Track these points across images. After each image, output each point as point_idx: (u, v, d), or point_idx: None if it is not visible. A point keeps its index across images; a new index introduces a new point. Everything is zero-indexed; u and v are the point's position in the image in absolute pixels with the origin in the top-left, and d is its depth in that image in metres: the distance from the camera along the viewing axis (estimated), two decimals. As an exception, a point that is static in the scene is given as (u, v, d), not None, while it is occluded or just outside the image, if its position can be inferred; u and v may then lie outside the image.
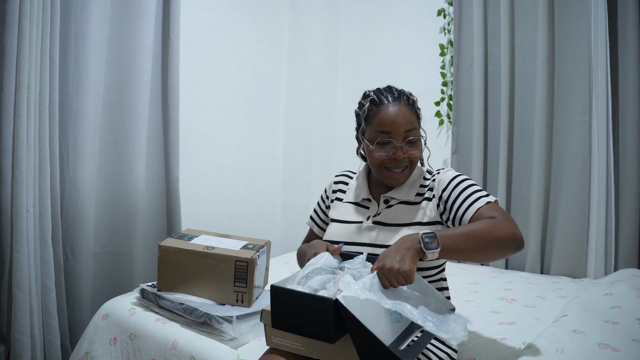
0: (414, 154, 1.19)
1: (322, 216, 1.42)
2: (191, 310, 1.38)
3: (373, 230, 1.22)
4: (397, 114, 1.17)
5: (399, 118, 1.16)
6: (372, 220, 1.24)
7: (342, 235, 1.26)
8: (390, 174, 1.20)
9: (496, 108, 2.39)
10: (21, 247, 1.72)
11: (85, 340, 1.55)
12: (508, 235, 1.01)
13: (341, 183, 1.39)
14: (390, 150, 1.17)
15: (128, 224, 2.17)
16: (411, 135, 1.17)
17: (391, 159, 1.18)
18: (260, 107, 3.01)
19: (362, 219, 1.27)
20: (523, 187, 2.30)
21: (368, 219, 1.25)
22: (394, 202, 1.24)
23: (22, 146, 1.72)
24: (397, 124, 1.16)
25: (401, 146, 1.17)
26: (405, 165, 1.19)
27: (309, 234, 1.47)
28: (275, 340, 1.05)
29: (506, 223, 1.03)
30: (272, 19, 3.06)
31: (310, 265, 1.08)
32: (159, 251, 1.49)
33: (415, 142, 1.19)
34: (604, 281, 1.79)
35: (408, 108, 1.18)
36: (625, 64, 2.07)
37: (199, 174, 2.67)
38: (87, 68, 1.99)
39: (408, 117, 1.17)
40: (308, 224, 1.46)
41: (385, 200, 1.26)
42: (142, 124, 2.18)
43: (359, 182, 1.34)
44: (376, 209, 1.26)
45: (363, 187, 1.32)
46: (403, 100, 1.19)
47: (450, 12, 2.61)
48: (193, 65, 2.57)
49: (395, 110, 1.17)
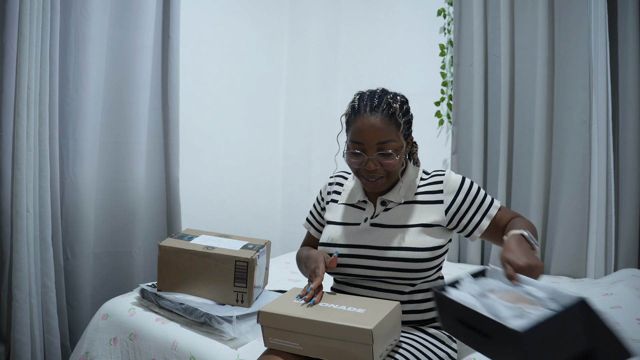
0: (388, 165, 1.16)
1: (318, 218, 1.42)
2: (191, 310, 1.38)
3: (371, 232, 1.22)
4: (371, 126, 1.14)
5: (371, 130, 1.14)
6: (370, 222, 1.23)
7: (339, 237, 1.25)
8: (366, 182, 1.20)
9: (496, 108, 2.38)
10: (21, 247, 1.72)
11: (85, 340, 1.55)
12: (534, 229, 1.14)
13: (336, 184, 1.38)
14: (363, 161, 1.17)
15: (128, 224, 2.17)
16: (385, 148, 1.15)
17: (364, 169, 1.18)
18: (260, 107, 3.01)
19: (358, 220, 1.26)
20: (523, 187, 2.30)
21: (365, 221, 1.24)
22: (392, 205, 1.24)
23: (22, 146, 1.72)
24: (368, 136, 1.15)
25: (372, 158, 1.15)
26: (380, 175, 1.18)
27: (307, 237, 1.46)
28: (273, 341, 1.05)
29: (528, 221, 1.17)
30: (272, 19, 3.05)
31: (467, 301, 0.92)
32: (159, 251, 1.49)
33: (390, 154, 1.16)
34: (604, 281, 1.79)
35: (385, 119, 1.15)
36: (625, 64, 2.07)
37: (199, 174, 2.67)
38: (87, 68, 1.99)
39: (382, 129, 1.14)
40: (305, 227, 1.46)
41: (382, 202, 1.25)
42: (142, 124, 2.18)
43: (354, 183, 1.33)
44: (373, 211, 1.25)
45: (358, 188, 1.31)
46: (381, 110, 1.15)
47: (450, 12, 2.61)
48: (193, 65, 2.56)
49: (370, 121, 1.15)
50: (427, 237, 1.17)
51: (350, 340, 0.97)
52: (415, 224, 1.19)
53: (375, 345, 0.96)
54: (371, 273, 1.18)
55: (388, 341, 1.03)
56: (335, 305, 1.06)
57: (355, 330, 0.96)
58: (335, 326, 0.98)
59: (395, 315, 1.06)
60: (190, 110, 2.56)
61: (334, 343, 0.98)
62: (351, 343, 0.97)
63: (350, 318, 0.99)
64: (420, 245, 1.15)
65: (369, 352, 0.96)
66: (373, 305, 1.06)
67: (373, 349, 0.95)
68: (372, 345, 0.95)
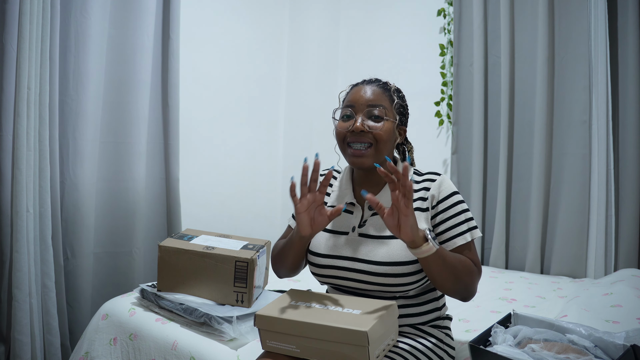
0: (376, 128, 1.14)
1: None
2: (191, 311, 1.38)
3: (359, 243, 1.16)
4: (364, 90, 1.18)
5: (364, 93, 1.17)
6: (358, 232, 1.18)
7: (324, 247, 1.20)
8: (352, 152, 1.16)
9: (496, 108, 2.38)
10: (21, 247, 1.72)
11: (85, 340, 1.55)
12: (471, 291, 1.12)
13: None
14: (351, 125, 1.16)
15: (128, 224, 2.17)
16: (375, 110, 1.15)
17: (351, 133, 1.15)
18: (260, 107, 3.01)
19: (346, 229, 1.20)
20: (523, 187, 2.30)
21: (354, 230, 1.19)
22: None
23: (22, 146, 1.72)
24: (360, 98, 1.17)
25: (361, 117, 1.15)
26: (369, 142, 1.14)
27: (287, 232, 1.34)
28: (271, 343, 1.05)
29: (477, 279, 1.13)
30: (272, 19, 3.05)
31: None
32: (159, 251, 1.49)
33: (380, 118, 1.15)
34: (604, 281, 1.79)
35: (379, 89, 1.19)
36: (625, 64, 2.07)
37: (199, 174, 2.67)
38: (87, 68, 1.99)
39: (375, 94, 1.17)
40: (290, 224, 1.34)
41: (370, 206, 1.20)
42: (142, 124, 2.18)
43: (343, 183, 1.27)
44: (360, 216, 1.20)
45: (347, 189, 1.25)
46: (376, 82, 1.20)
47: (450, 12, 2.61)
48: (193, 65, 2.56)
49: (363, 88, 1.19)
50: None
51: (346, 342, 0.97)
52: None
53: (371, 347, 0.96)
54: (361, 286, 1.15)
55: (385, 341, 1.03)
56: (331, 307, 1.06)
57: (350, 332, 0.96)
58: (331, 328, 0.98)
59: (391, 316, 1.06)
60: (190, 110, 2.56)
61: (330, 345, 0.98)
62: (347, 345, 0.97)
63: (346, 320, 0.99)
64: (409, 259, 1.11)
65: (365, 353, 0.96)
66: (369, 306, 1.05)
67: (369, 351, 0.95)
68: (368, 346, 0.95)
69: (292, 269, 1.22)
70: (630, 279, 1.71)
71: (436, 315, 1.21)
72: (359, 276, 1.14)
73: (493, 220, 2.37)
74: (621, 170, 2.10)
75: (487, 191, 2.43)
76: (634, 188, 2.06)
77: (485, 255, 2.43)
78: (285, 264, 1.22)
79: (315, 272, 1.21)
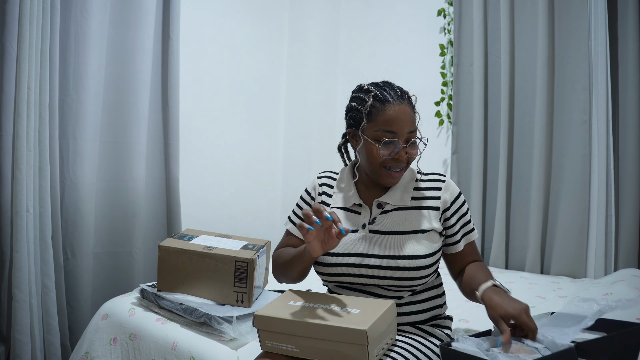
0: (414, 155, 1.18)
1: None
2: (191, 311, 1.38)
3: (370, 239, 1.18)
4: (404, 114, 1.14)
5: (405, 118, 1.14)
6: (369, 229, 1.19)
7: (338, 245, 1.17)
8: (389, 173, 1.16)
9: (496, 108, 2.38)
10: (21, 247, 1.72)
11: (85, 340, 1.55)
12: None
13: (325, 185, 1.30)
14: (394, 151, 1.14)
15: (128, 224, 2.17)
16: (413, 137, 1.16)
17: (393, 159, 1.15)
18: (260, 107, 3.01)
19: (356, 226, 1.21)
20: (523, 187, 2.30)
21: (364, 227, 1.20)
22: (389, 208, 1.20)
23: (22, 146, 1.72)
24: (402, 124, 1.14)
25: (405, 147, 1.15)
26: (403, 166, 1.17)
27: (288, 239, 1.30)
28: (270, 344, 1.05)
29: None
30: (272, 19, 3.05)
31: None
32: (159, 251, 1.49)
33: (415, 144, 1.17)
34: (604, 281, 1.79)
35: (410, 108, 1.17)
36: (625, 64, 2.07)
37: (199, 174, 2.67)
38: (87, 68, 2.00)
39: (411, 117, 1.16)
40: (288, 228, 1.30)
41: (379, 205, 1.21)
42: (142, 124, 2.18)
43: (346, 186, 1.27)
44: (369, 215, 1.21)
45: (352, 191, 1.25)
46: (406, 100, 1.17)
47: (450, 12, 2.61)
48: (193, 65, 2.56)
49: (401, 109, 1.14)
50: (426, 242, 1.16)
51: (346, 341, 0.97)
52: (414, 230, 1.17)
53: (371, 346, 0.96)
54: (373, 282, 1.16)
55: (384, 340, 1.03)
56: (330, 306, 1.06)
57: (349, 331, 0.96)
58: (330, 328, 0.98)
59: (390, 315, 1.06)
60: (190, 110, 2.56)
61: (329, 344, 0.98)
62: (346, 344, 0.97)
63: (345, 319, 0.99)
64: (421, 253, 1.14)
65: (364, 352, 0.96)
66: (367, 305, 1.06)
67: (368, 349, 0.95)
68: (367, 345, 0.95)
69: (298, 279, 1.22)
70: (630, 279, 1.71)
71: (437, 312, 1.22)
72: (372, 272, 1.15)
73: (493, 220, 2.37)
74: (621, 170, 2.10)
75: (487, 191, 2.43)
76: (634, 188, 2.06)
77: (485, 255, 2.43)
78: (290, 276, 1.22)
79: (323, 271, 1.20)
